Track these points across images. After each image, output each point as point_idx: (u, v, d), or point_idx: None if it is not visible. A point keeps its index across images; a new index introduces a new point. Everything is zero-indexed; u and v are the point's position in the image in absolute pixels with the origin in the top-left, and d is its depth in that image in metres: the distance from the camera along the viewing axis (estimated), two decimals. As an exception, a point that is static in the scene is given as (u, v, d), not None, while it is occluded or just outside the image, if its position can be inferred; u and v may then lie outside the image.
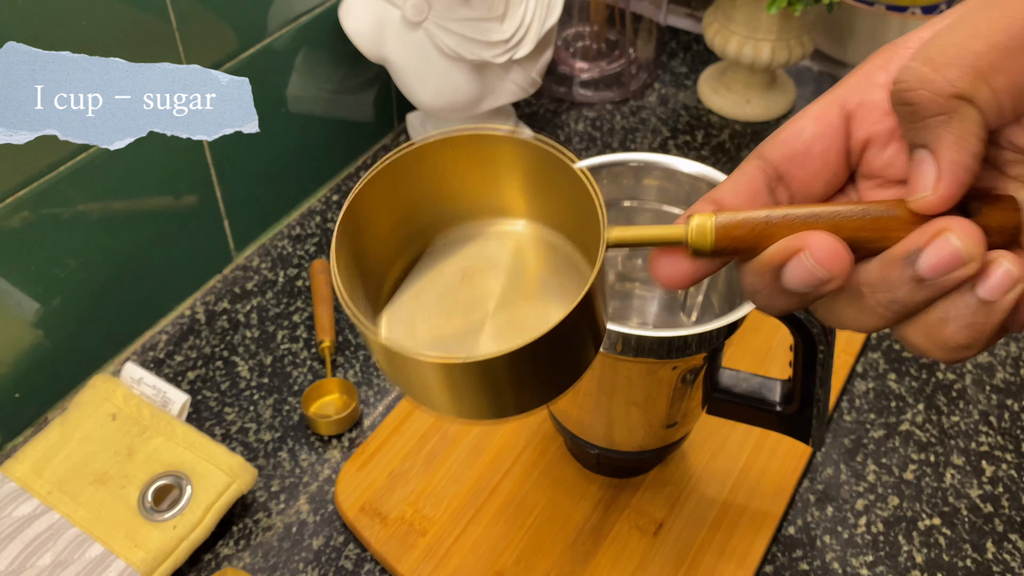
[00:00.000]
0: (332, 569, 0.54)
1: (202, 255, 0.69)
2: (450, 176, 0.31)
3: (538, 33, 0.71)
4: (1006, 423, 0.61)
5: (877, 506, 0.57)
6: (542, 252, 0.32)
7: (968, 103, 0.24)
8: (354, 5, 0.69)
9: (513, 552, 0.53)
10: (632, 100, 0.89)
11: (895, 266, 0.25)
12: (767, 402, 0.50)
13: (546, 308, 0.28)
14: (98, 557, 0.51)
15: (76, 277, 0.59)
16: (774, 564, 0.54)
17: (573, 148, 0.83)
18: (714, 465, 0.57)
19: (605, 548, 0.54)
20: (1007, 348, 0.66)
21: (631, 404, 0.48)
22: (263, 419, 0.61)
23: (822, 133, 0.27)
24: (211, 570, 0.54)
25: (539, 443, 0.59)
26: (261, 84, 0.61)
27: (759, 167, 0.28)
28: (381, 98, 0.81)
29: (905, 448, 0.60)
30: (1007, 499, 0.57)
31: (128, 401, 0.58)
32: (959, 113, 0.24)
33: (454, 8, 0.67)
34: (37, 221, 0.55)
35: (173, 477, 0.54)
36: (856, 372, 0.64)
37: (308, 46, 0.70)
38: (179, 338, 0.66)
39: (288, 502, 0.57)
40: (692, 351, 0.44)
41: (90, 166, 0.57)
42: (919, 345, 0.26)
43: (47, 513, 0.53)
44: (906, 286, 0.25)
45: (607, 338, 0.44)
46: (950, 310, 0.25)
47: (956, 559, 0.54)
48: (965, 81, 0.23)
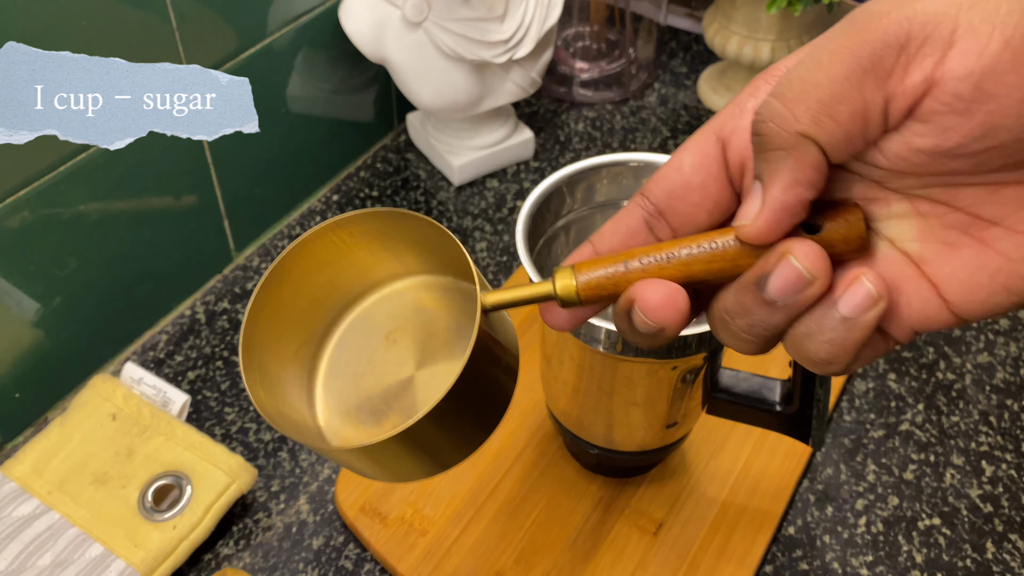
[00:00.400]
0: (332, 569, 0.54)
1: (202, 255, 0.69)
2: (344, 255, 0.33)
3: (538, 33, 0.71)
4: (1006, 423, 0.61)
5: (877, 506, 0.57)
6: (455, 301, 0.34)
7: (810, 142, 0.24)
8: (354, 5, 0.69)
9: (513, 552, 0.53)
10: (632, 100, 0.89)
11: (747, 291, 0.26)
12: (767, 402, 0.50)
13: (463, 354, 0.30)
14: (98, 557, 0.51)
15: (76, 277, 0.59)
16: (774, 564, 0.54)
17: (573, 148, 0.83)
18: (714, 465, 0.57)
19: (605, 548, 0.54)
20: (1007, 348, 0.66)
21: (631, 404, 0.48)
22: (263, 419, 0.61)
23: (700, 163, 0.28)
24: (211, 570, 0.54)
25: (539, 443, 0.59)
26: (261, 84, 0.61)
27: (640, 204, 0.29)
28: (381, 98, 0.81)
29: (905, 448, 0.60)
30: (1007, 499, 0.57)
31: (128, 401, 0.58)
32: (798, 151, 0.25)
33: (454, 8, 0.67)
34: (37, 221, 0.55)
35: (173, 477, 0.54)
36: (856, 372, 0.64)
37: (308, 46, 0.70)
38: (179, 338, 0.66)
39: (288, 502, 0.57)
40: (692, 351, 0.44)
41: (90, 166, 0.57)
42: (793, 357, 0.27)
43: (47, 513, 0.53)
44: (761, 310, 0.26)
45: (607, 338, 0.44)
46: (812, 326, 0.26)
47: (956, 559, 0.54)
48: (808, 118, 0.24)
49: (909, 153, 0.24)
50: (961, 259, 0.25)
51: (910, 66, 0.23)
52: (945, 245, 0.26)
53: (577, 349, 0.46)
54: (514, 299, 0.30)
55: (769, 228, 0.26)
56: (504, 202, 0.78)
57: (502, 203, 0.77)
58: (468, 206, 0.77)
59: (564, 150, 0.83)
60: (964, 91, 0.22)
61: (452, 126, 0.77)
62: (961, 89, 0.22)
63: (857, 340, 0.26)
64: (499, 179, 0.80)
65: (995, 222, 0.25)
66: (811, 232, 0.26)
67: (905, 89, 0.23)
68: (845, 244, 0.26)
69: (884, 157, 0.25)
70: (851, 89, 0.23)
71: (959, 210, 0.25)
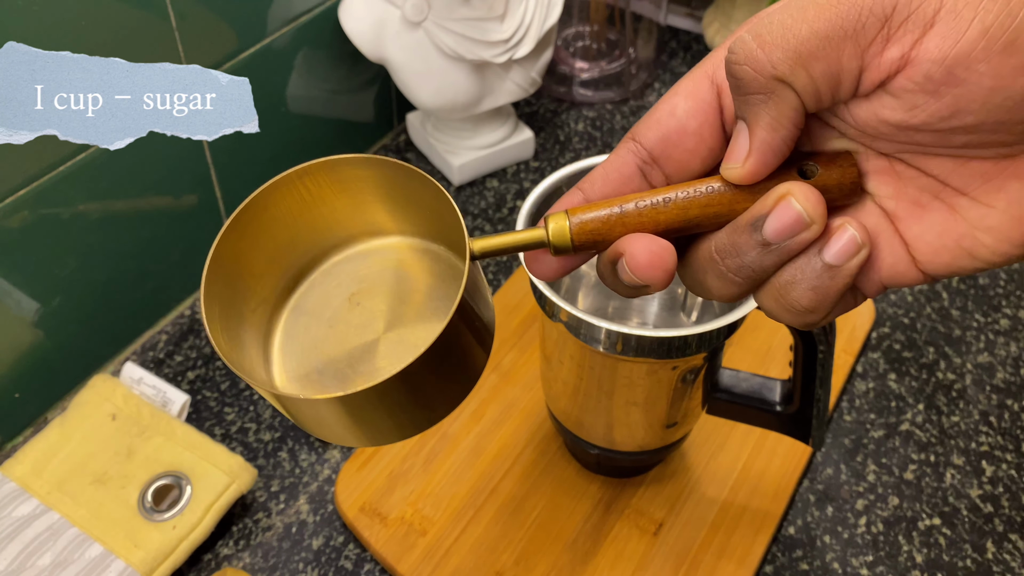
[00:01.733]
0: (332, 569, 0.54)
1: (202, 255, 0.68)
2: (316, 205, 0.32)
3: (538, 33, 0.71)
4: (1006, 423, 0.61)
5: (877, 506, 0.57)
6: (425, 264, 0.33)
7: (787, 87, 0.25)
8: (354, 5, 0.69)
9: (513, 552, 0.53)
10: (632, 100, 0.89)
11: (742, 232, 0.26)
12: (767, 402, 0.50)
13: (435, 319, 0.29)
14: (98, 557, 0.51)
15: (76, 277, 0.59)
16: (774, 564, 0.54)
17: (573, 148, 0.83)
18: (714, 465, 0.57)
19: (605, 548, 0.53)
20: (1007, 348, 0.66)
21: (631, 404, 0.48)
22: (263, 419, 0.61)
23: (696, 109, 0.28)
24: (211, 570, 0.54)
25: (539, 443, 0.59)
26: (261, 84, 0.61)
27: (632, 150, 0.29)
28: (381, 98, 0.81)
29: (905, 448, 0.60)
30: (1007, 499, 0.57)
31: (128, 401, 0.58)
32: (777, 95, 0.25)
33: (454, 8, 0.67)
34: (37, 221, 0.55)
35: (173, 477, 0.54)
36: (856, 372, 0.64)
37: (308, 46, 0.70)
38: (179, 338, 0.66)
39: (288, 502, 0.57)
40: (692, 351, 0.44)
41: (90, 166, 0.57)
42: (771, 309, 0.27)
43: (47, 513, 0.53)
44: (754, 251, 0.26)
45: (607, 338, 0.44)
46: (797, 273, 0.26)
47: (956, 559, 0.54)
48: (785, 65, 0.24)
49: (877, 123, 0.25)
50: (930, 221, 0.26)
51: (889, 40, 0.23)
52: (917, 206, 0.26)
53: (577, 349, 0.46)
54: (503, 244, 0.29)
55: (758, 169, 0.26)
56: (504, 202, 0.78)
57: (502, 203, 0.77)
58: (468, 206, 0.77)
59: (564, 150, 0.83)
60: (936, 73, 0.23)
61: (452, 126, 0.77)
62: (933, 71, 0.23)
63: (840, 288, 0.26)
64: (499, 179, 0.80)
65: (962, 192, 0.25)
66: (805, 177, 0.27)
67: (881, 63, 0.24)
68: (839, 190, 0.27)
69: (852, 119, 0.26)
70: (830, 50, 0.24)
71: (930, 176, 0.26)
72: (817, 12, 0.24)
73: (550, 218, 0.28)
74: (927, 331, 0.67)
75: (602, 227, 0.28)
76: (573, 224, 0.28)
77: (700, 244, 0.28)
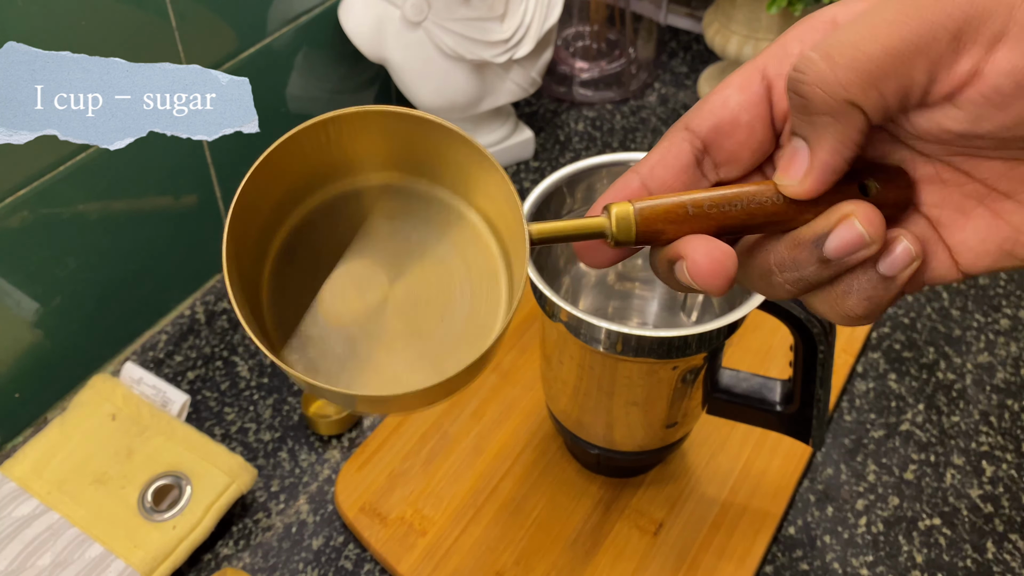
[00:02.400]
0: (332, 569, 0.54)
1: (202, 255, 0.69)
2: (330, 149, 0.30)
3: (538, 33, 0.71)
4: (1006, 423, 0.61)
5: (877, 506, 0.57)
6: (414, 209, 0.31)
7: (857, 109, 0.25)
8: (354, 5, 0.69)
9: (513, 552, 0.53)
10: (632, 100, 0.89)
11: (803, 248, 0.27)
12: (767, 402, 0.50)
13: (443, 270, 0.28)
14: (98, 557, 0.51)
15: (76, 277, 0.59)
16: (774, 564, 0.54)
17: (573, 148, 0.83)
18: (714, 465, 0.57)
19: (605, 548, 0.53)
20: (1007, 348, 0.66)
21: (631, 404, 0.48)
22: (263, 419, 0.61)
23: (748, 102, 0.28)
24: (211, 570, 0.54)
25: (539, 443, 0.59)
26: (261, 84, 0.61)
27: (687, 139, 0.29)
28: (381, 98, 0.81)
29: (905, 448, 0.60)
30: (1007, 499, 0.57)
31: (128, 401, 0.58)
32: (845, 117, 0.25)
33: (454, 8, 0.67)
34: (37, 221, 0.55)
35: (173, 477, 0.54)
36: (856, 372, 0.64)
37: (308, 46, 0.70)
38: (179, 338, 0.66)
39: (288, 502, 0.57)
40: (692, 351, 0.44)
41: (90, 166, 0.57)
42: (823, 313, 0.28)
43: (47, 513, 0.52)
44: (812, 266, 0.27)
45: (607, 338, 0.44)
46: (853, 284, 0.27)
47: (956, 559, 0.54)
48: (857, 87, 0.24)
49: (939, 132, 0.25)
50: (973, 227, 0.27)
51: (960, 53, 0.23)
52: (961, 214, 0.27)
53: (577, 349, 0.46)
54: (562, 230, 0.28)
55: (817, 188, 0.27)
56: (504, 202, 0.77)
57: (502, 203, 0.77)
58: (468, 206, 0.77)
59: (564, 150, 0.83)
60: (1005, 86, 0.23)
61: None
62: (1003, 84, 0.23)
63: (892, 296, 0.27)
64: (499, 179, 0.80)
65: (1009, 195, 0.26)
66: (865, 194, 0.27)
67: (951, 76, 0.24)
68: (895, 207, 0.27)
69: (912, 127, 0.26)
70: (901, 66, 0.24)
71: (977, 181, 0.26)
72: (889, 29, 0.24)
73: (613, 207, 0.28)
74: (927, 331, 0.67)
75: (667, 223, 0.27)
76: (639, 218, 0.27)
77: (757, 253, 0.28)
